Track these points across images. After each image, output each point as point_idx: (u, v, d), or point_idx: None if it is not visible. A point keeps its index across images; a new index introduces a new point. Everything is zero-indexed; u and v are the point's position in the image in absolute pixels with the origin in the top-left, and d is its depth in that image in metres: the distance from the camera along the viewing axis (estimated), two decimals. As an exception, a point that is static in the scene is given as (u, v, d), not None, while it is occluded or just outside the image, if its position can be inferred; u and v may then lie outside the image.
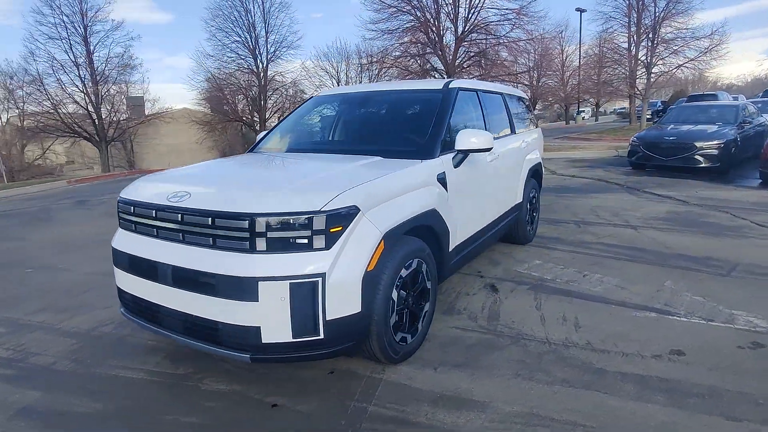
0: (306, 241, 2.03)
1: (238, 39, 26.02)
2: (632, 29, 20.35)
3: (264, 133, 3.84)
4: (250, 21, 26.55)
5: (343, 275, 2.07)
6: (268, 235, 2.02)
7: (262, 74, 27.21)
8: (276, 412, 2.19)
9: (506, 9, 13.94)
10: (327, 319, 2.06)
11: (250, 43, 26.65)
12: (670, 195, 7.21)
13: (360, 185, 2.25)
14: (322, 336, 2.07)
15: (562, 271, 4.04)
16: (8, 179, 17.54)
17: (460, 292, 3.64)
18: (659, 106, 30.47)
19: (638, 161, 9.81)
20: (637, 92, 20.98)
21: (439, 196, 2.79)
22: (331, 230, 2.06)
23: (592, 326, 2.98)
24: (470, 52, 14.68)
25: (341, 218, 2.09)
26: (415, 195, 2.57)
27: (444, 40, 14.55)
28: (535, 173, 5.01)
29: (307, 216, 2.03)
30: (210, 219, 2.10)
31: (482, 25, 14.20)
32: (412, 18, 14.17)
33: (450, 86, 3.45)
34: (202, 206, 2.15)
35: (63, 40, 20.43)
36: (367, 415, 2.14)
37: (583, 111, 45.52)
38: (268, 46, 26.87)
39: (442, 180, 2.85)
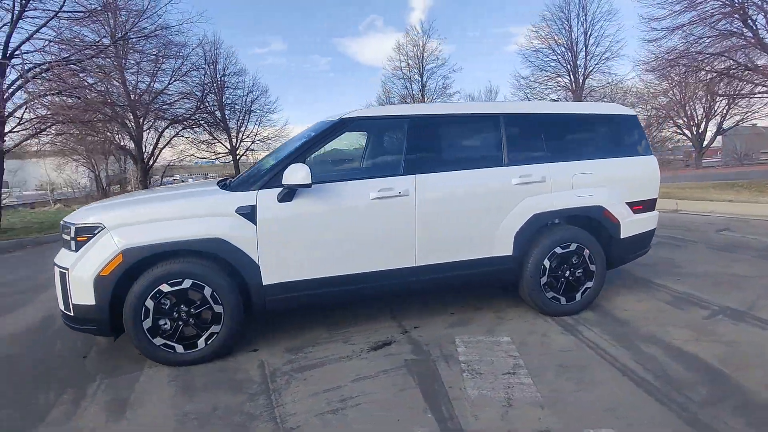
0: (69, 243, 2.87)
1: (554, 58, 25.72)
2: None
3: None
4: (573, 38, 25.69)
5: (79, 273, 2.76)
6: (62, 236, 2.99)
7: (578, 91, 25.83)
8: (78, 361, 3.11)
9: None
10: (73, 302, 2.82)
11: (569, 61, 25.80)
12: None
13: (111, 209, 2.86)
14: (72, 314, 2.85)
15: (488, 357, 2.90)
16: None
17: (325, 343, 3.32)
18: None
19: None
20: None
21: (235, 228, 2.88)
22: (78, 239, 2.81)
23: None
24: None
25: (86, 231, 2.80)
26: (190, 221, 2.85)
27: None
28: (577, 220, 3.53)
29: (68, 226, 2.87)
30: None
31: None
32: (722, 4, 10.41)
33: (343, 117, 3.23)
34: None
35: (404, 79, 26.26)
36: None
37: None
38: (587, 60, 25.21)
39: (247, 213, 2.90)
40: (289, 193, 2.95)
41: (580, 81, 25.48)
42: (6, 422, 2.39)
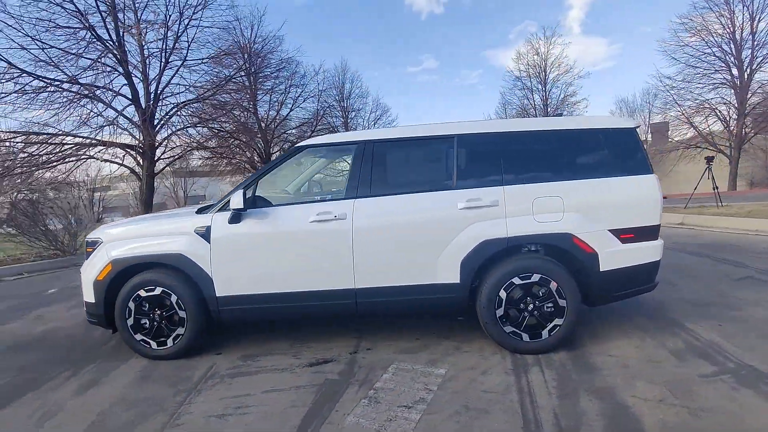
0: (85, 254, 3.67)
1: (708, 51, 21.68)
2: None
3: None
4: (736, 24, 21.48)
5: (86, 276, 3.52)
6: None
7: (743, 87, 21.42)
8: (97, 346, 3.91)
9: None
10: (84, 299, 3.60)
11: (730, 53, 21.57)
12: None
13: (110, 227, 3.56)
14: (85, 309, 3.63)
15: (403, 387, 2.81)
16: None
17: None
18: None
19: None
20: None
21: (193, 245, 3.33)
22: (87, 250, 3.58)
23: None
24: None
25: (92, 244, 3.55)
26: (159, 239, 3.41)
27: None
28: (552, 249, 3.19)
29: (84, 240, 3.67)
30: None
31: None
32: None
33: (297, 145, 3.49)
34: None
35: (526, 90, 25.06)
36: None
37: None
38: (754, 50, 20.74)
39: (203, 233, 3.34)
40: (236, 216, 3.32)
41: (746, 75, 21.11)
42: (8, 385, 3.19)
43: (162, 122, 11.62)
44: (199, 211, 3.57)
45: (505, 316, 3.19)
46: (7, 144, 12.06)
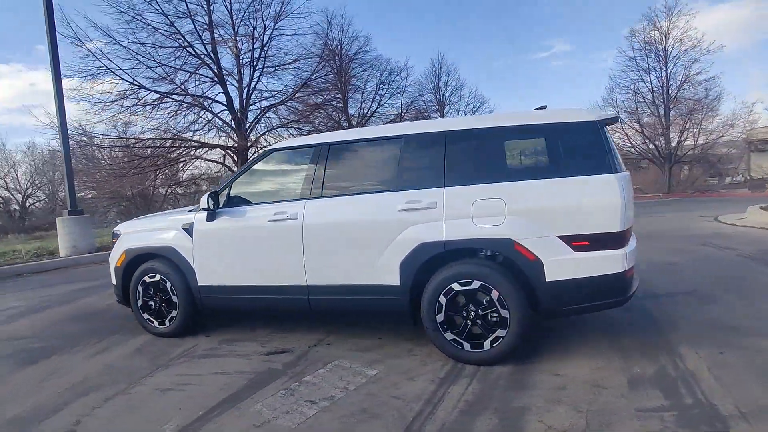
0: (112, 244, 4.42)
1: None
2: None
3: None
4: None
5: (111, 262, 4.24)
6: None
7: None
8: (127, 321, 4.66)
9: None
10: (112, 283, 4.33)
11: None
12: None
13: (125, 223, 4.20)
14: (113, 291, 4.37)
15: (326, 384, 2.91)
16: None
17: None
18: None
19: None
20: None
21: (179, 239, 3.82)
22: (112, 241, 4.30)
23: None
24: None
25: (114, 236, 4.26)
26: (157, 233, 3.96)
27: None
28: (503, 259, 3.01)
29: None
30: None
31: None
32: None
33: (267, 149, 3.75)
34: None
35: (642, 71, 22.15)
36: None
37: None
38: None
39: (187, 229, 3.80)
40: (210, 215, 3.71)
41: None
42: (44, 348, 3.98)
43: (252, 125, 12.98)
44: (190, 211, 4.05)
45: (446, 323, 3.08)
46: (142, 146, 14.44)
